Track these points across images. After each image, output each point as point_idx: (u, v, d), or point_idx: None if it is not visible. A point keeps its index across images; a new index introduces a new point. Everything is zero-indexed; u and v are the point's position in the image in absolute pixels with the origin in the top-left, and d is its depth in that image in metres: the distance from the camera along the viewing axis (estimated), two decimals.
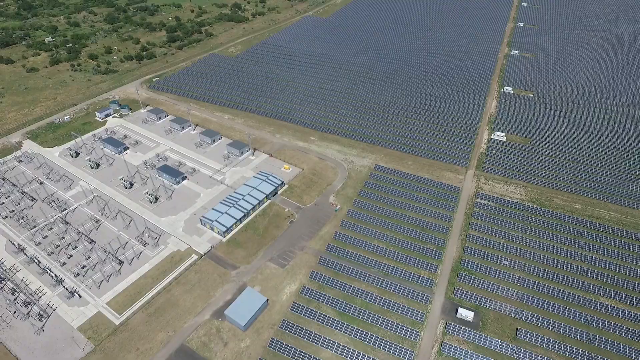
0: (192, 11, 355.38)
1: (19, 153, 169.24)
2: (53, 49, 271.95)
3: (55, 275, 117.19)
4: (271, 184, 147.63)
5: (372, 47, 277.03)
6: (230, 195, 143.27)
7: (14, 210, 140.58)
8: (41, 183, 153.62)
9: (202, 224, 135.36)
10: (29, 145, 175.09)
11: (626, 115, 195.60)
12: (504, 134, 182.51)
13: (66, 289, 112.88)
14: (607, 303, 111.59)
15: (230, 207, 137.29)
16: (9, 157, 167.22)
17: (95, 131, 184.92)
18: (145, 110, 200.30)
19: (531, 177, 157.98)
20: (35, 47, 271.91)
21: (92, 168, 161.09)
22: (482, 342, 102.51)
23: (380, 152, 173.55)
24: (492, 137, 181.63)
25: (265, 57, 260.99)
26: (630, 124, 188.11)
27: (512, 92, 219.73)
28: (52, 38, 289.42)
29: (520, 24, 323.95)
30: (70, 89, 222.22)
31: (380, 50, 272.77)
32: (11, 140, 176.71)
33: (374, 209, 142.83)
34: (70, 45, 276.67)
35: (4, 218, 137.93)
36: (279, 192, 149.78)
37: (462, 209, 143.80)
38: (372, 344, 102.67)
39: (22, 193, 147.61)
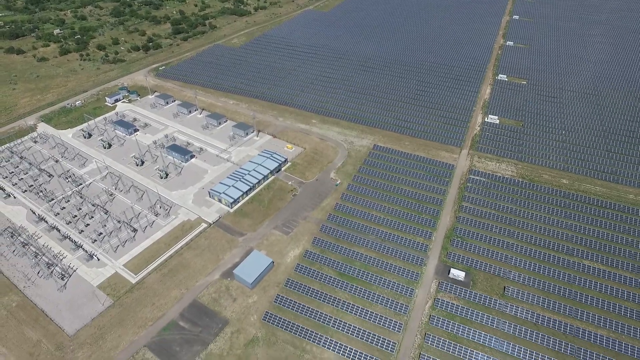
0: (196, 5, 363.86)
1: (34, 134, 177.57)
2: (62, 40, 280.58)
3: (75, 241, 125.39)
4: (275, 161, 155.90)
5: (371, 39, 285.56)
6: (236, 171, 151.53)
7: (32, 185, 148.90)
8: (57, 161, 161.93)
9: (210, 196, 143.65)
10: (44, 128, 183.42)
11: (614, 100, 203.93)
12: (497, 117, 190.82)
13: (85, 251, 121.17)
14: (589, 264, 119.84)
15: (237, 180, 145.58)
16: (25, 137, 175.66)
17: (106, 115, 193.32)
18: (153, 95, 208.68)
19: (522, 155, 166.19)
20: (44, 39, 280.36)
21: (105, 148, 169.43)
22: (472, 298, 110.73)
23: (378, 133, 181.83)
24: (486, 120, 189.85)
25: (267, 48, 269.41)
26: (617, 108, 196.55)
27: (506, 79, 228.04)
28: (60, 30, 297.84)
29: (515, 17, 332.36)
30: (80, 77, 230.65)
31: (379, 41, 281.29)
32: (27, 123, 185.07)
33: (372, 183, 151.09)
34: (79, 36, 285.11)
35: (24, 192, 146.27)
36: (283, 168, 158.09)
37: (456, 184, 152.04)
38: (371, 300, 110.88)
39: (39, 170, 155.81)
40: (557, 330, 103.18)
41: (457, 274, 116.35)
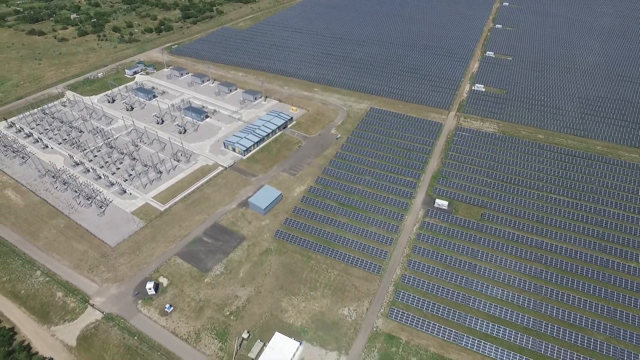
0: None
1: (63, 99, 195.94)
2: (79, 23, 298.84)
3: (109, 179, 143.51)
4: (282, 119, 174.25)
5: (370, 23, 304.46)
6: (247, 126, 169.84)
7: (66, 138, 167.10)
8: (85, 120, 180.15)
9: (225, 146, 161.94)
10: (71, 95, 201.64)
11: (589, 71, 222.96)
12: (483, 86, 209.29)
13: (120, 185, 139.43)
14: (556, 197, 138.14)
15: (248, 133, 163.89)
16: (55, 102, 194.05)
17: (127, 84, 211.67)
18: (168, 68, 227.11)
19: (504, 116, 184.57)
20: (62, 22, 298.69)
21: (128, 110, 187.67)
22: (454, 221, 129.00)
23: (375, 99, 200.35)
24: (473, 88, 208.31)
25: (272, 30, 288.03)
26: (591, 77, 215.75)
27: (494, 56, 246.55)
28: (77, 15, 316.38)
29: (505, 3, 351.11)
30: (100, 54, 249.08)
31: (377, 25, 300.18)
32: (56, 90, 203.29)
33: (369, 137, 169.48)
34: (95, 20, 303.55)
35: (59, 143, 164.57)
36: (289, 126, 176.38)
37: (444, 138, 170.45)
38: (367, 222, 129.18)
39: (70, 127, 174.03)
40: (525, 244, 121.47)
41: (442, 203, 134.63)
